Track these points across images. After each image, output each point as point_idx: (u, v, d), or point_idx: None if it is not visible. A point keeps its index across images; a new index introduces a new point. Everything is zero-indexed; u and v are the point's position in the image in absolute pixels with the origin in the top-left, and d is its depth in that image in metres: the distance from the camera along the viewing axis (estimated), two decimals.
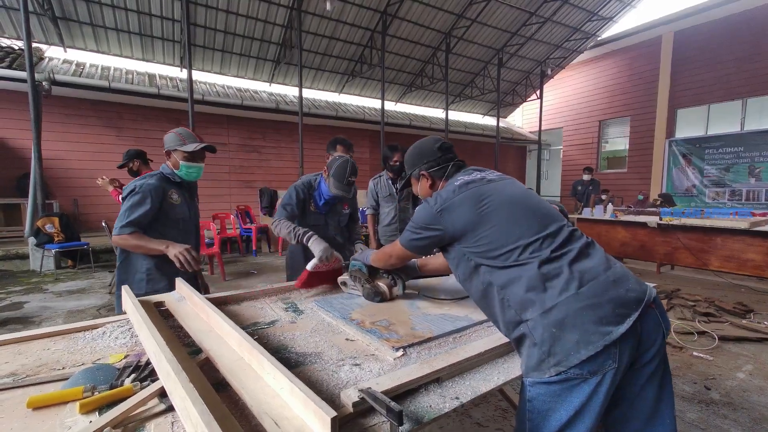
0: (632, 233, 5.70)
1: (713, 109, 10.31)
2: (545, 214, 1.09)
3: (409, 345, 1.12)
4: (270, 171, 9.77)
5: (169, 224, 1.81)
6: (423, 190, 1.34)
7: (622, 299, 0.91)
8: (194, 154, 1.84)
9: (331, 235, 2.23)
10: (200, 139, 1.87)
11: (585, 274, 0.95)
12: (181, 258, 1.59)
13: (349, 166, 2.02)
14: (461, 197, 1.12)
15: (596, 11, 10.94)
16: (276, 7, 8.19)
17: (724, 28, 9.86)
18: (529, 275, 0.97)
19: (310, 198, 2.18)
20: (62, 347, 1.13)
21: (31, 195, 5.80)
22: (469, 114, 14.38)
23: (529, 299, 0.95)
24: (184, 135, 1.85)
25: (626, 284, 0.95)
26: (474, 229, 1.07)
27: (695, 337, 3.10)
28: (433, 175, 1.30)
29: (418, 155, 1.34)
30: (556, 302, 0.92)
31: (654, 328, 0.95)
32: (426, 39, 10.26)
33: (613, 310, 0.89)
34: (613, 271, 0.98)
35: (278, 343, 1.16)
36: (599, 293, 0.92)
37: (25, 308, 3.92)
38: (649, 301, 0.94)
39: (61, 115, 7.36)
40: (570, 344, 0.88)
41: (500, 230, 1.04)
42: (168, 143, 1.85)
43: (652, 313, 0.95)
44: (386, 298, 1.54)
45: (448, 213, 1.11)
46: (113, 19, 7.47)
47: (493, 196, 1.10)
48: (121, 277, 1.80)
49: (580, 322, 0.89)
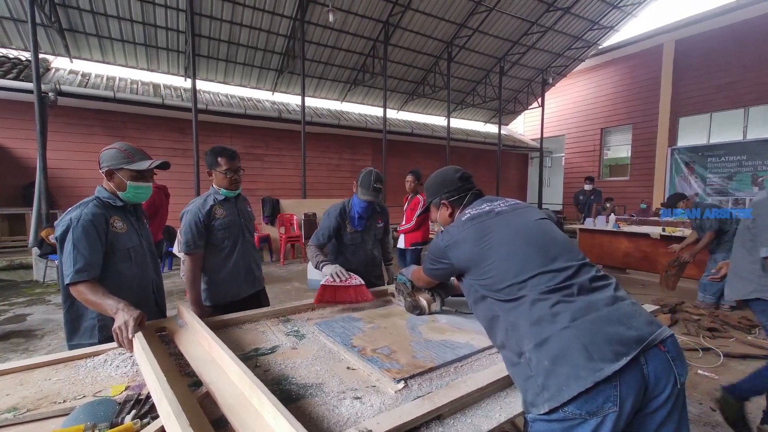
0: (635, 244, 5.67)
1: (715, 118, 10.30)
2: (552, 247, 1.08)
3: (411, 376, 1.12)
4: (272, 179, 9.80)
5: (118, 257, 1.52)
6: (442, 218, 1.38)
7: (620, 336, 0.88)
8: (144, 172, 1.56)
9: (369, 250, 2.41)
10: (147, 155, 1.64)
11: (582, 308, 0.94)
12: (119, 334, 1.26)
13: (373, 174, 2.20)
14: (465, 233, 1.15)
15: (597, 20, 11.00)
16: (279, 18, 8.29)
17: (725, 36, 9.88)
18: (528, 309, 0.97)
19: (345, 220, 2.31)
20: (64, 377, 1.13)
21: (35, 205, 5.84)
22: (471, 122, 14.43)
23: (527, 332, 0.95)
24: (130, 151, 1.55)
25: (630, 322, 0.92)
26: (478, 264, 1.10)
27: (700, 354, 3.07)
28: (452, 203, 1.34)
29: (439, 184, 1.38)
30: (549, 335, 0.91)
31: (663, 372, 0.89)
32: (428, 48, 10.33)
33: (607, 347, 0.86)
34: (617, 307, 0.96)
35: (279, 373, 1.15)
36: (594, 328, 0.90)
37: (28, 321, 3.93)
38: (654, 341, 0.90)
39: (66, 125, 7.44)
40: (562, 378, 0.87)
41: (501, 265, 1.06)
42: (109, 161, 1.52)
43: (661, 355, 0.90)
44: (425, 312, 1.67)
45: (454, 248, 1.17)
46: (119, 31, 7.57)
47: (496, 231, 1.12)
48: (70, 325, 1.51)
49: (570, 356, 0.87)
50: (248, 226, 2.15)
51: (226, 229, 2.01)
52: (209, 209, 1.96)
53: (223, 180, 1.98)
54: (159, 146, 8.27)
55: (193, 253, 1.94)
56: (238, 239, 2.07)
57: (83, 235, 1.42)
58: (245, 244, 2.10)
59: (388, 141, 9.82)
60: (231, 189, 2.01)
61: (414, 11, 9.01)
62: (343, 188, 10.79)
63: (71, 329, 1.51)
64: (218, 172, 1.97)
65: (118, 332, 1.26)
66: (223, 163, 1.96)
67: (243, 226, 2.10)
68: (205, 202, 1.99)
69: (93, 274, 1.42)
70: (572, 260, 1.05)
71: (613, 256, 6.01)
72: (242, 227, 2.10)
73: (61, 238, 1.44)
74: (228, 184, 1.99)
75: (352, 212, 2.31)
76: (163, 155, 7.85)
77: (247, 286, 2.12)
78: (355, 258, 2.35)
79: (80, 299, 1.41)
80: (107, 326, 1.40)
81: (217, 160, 1.96)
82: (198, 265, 1.97)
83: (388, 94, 10.37)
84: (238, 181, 2.03)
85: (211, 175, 2.01)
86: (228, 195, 2.03)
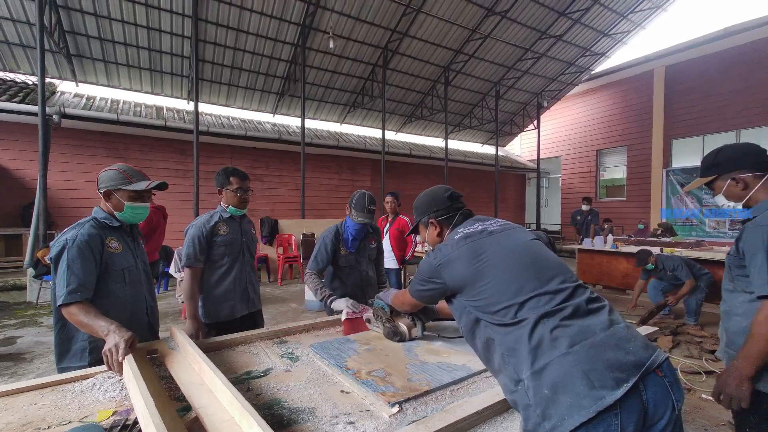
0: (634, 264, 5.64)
1: (708, 140, 10.49)
2: (546, 268, 1.06)
3: (406, 399, 1.09)
4: (272, 199, 9.86)
5: (111, 278, 1.52)
6: (431, 238, 1.34)
7: (619, 362, 0.86)
8: (142, 192, 1.59)
9: (364, 270, 2.43)
10: (146, 176, 1.66)
11: (580, 333, 0.91)
12: (109, 357, 1.24)
13: (367, 197, 2.25)
14: (459, 252, 1.11)
15: (589, 47, 11.39)
16: (282, 44, 8.57)
17: (715, 62, 10.20)
18: (524, 333, 0.94)
19: (339, 242, 2.35)
20: (50, 401, 1.10)
21: (33, 225, 5.83)
22: (469, 143, 14.66)
23: (523, 358, 0.92)
24: (129, 172, 1.58)
25: (627, 346, 0.89)
26: (472, 284, 1.06)
27: (703, 378, 3.01)
28: (442, 223, 1.31)
29: (429, 203, 1.34)
30: (547, 362, 0.88)
31: (662, 398, 0.87)
32: (426, 72, 10.63)
33: (608, 373, 0.84)
34: (613, 330, 0.92)
35: (271, 397, 1.13)
36: (594, 354, 0.87)
37: (18, 343, 3.86)
38: (652, 366, 0.87)
39: (68, 146, 7.53)
40: (563, 408, 0.83)
41: (497, 286, 1.02)
42: (108, 182, 1.55)
43: (659, 381, 0.88)
44: (405, 338, 1.57)
45: (447, 267, 1.12)
46: (125, 56, 7.80)
47: (490, 251, 1.09)
48: (60, 348, 1.49)
49: (571, 383, 0.84)
50: (249, 247, 2.19)
51: (226, 246, 2.06)
52: (213, 225, 2.04)
53: (233, 198, 2.07)
54: (160, 167, 8.35)
55: (193, 267, 1.99)
56: (238, 258, 2.10)
57: (78, 256, 1.41)
58: (244, 264, 2.13)
59: (387, 162, 9.94)
60: (239, 207, 2.10)
61: (412, 38, 9.33)
62: (342, 208, 10.77)
63: (61, 351, 1.49)
64: (229, 190, 2.07)
65: (108, 354, 1.24)
66: (234, 182, 2.07)
67: (244, 246, 2.15)
68: (211, 218, 2.07)
69: (86, 295, 1.41)
70: (567, 282, 1.03)
71: (612, 276, 5.98)
72: (243, 247, 2.14)
73: (56, 259, 1.43)
74: (237, 203, 2.09)
75: (345, 234, 2.36)
76: (164, 176, 7.92)
77: (241, 306, 2.12)
78: (350, 280, 2.36)
79: (72, 321, 1.38)
80: (98, 348, 1.37)
81: (229, 179, 2.07)
82: (197, 279, 2.01)
83: (387, 116, 10.58)
84: (247, 200, 2.12)
85: (221, 194, 2.10)
86: (235, 213, 2.11)
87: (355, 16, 8.38)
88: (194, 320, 1.95)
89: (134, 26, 7.31)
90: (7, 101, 6.32)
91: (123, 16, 7.10)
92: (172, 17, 7.40)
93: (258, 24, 8.02)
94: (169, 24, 7.51)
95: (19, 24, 6.69)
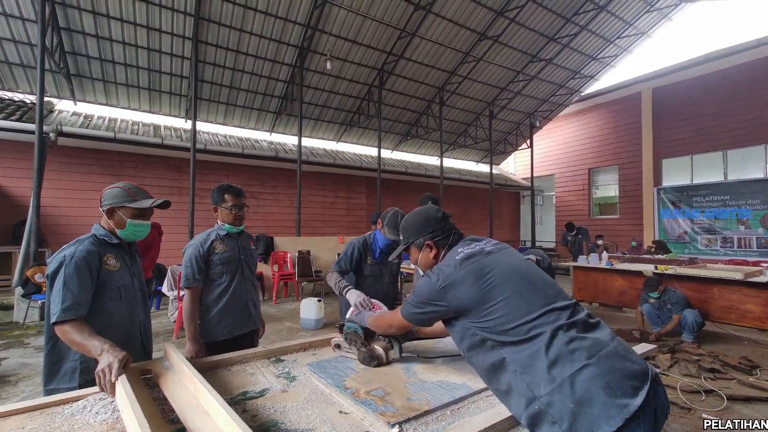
0: (629, 281, 5.66)
1: (697, 159, 10.75)
2: (549, 285, 1.09)
3: (406, 420, 1.07)
4: (267, 217, 9.84)
5: (107, 295, 1.49)
6: (425, 260, 1.29)
7: (632, 371, 0.89)
8: (145, 210, 1.59)
9: (386, 284, 2.55)
10: (149, 194, 1.66)
11: (594, 345, 0.93)
12: (101, 378, 1.20)
13: (399, 215, 2.32)
14: (464, 272, 1.09)
15: (578, 70, 11.78)
16: (280, 65, 8.75)
17: (700, 85, 10.58)
18: (540, 348, 0.94)
19: (367, 251, 2.48)
20: (38, 425, 1.07)
21: (24, 243, 5.75)
22: (463, 161, 14.86)
23: (540, 372, 0.92)
24: (133, 190, 1.58)
25: (632, 356, 0.94)
26: (480, 305, 1.04)
27: (703, 397, 2.98)
28: (437, 244, 1.26)
29: (422, 224, 1.29)
30: (569, 374, 0.89)
31: (665, 406, 0.91)
32: (421, 93, 10.88)
33: (626, 381, 0.87)
34: (618, 342, 0.97)
35: (268, 418, 1.10)
36: (611, 364, 0.90)
37: (2, 365, 3.73)
38: (653, 375, 0.91)
39: (63, 164, 7.51)
40: (591, 419, 0.84)
41: (508, 305, 1.02)
42: (112, 199, 1.54)
43: (661, 390, 0.92)
44: (383, 362, 1.50)
45: (452, 289, 1.09)
46: (125, 76, 7.90)
47: (495, 270, 1.08)
48: (49, 368, 1.44)
49: (596, 394, 0.86)
50: (249, 263, 2.17)
51: (224, 264, 2.03)
52: (210, 243, 2.02)
53: (228, 216, 2.06)
54: (156, 184, 8.33)
55: (192, 287, 1.97)
56: (236, 275, 2.07)
57: (75, 273, 1.39)
58: (244, 281, 2.11)
59: (382, 179, 10.03)
60: (235, 225, 2.08)
61: (407, 60, 9.59)
62: (338, 225, 10.83)
63: (50, 372, 1.44)
64: (223, 207, 2.05)
65: (101, 375, 1.20)
66: (229, 199, 2.05)
67: (243, 262, 2.12)
68: (208, 236, 2.05)
69: (80, 313, 1.38)
70: (566, 299, 1.06)
71: (609, 293, 5.97)
72: (241, 264, 2.11)
73: (53, 275, 1.41)
74: (232, 220, 2.07)
75: (374, 245, 2.49)
76: (159, 193, 7.88)
77: (241, 324, 2.08)
78: (372, 291, 2.37)
79: (64, 339, 1.35)
80: (90, 369, 1.32)
81: (223, 196, 2.05)
82: (196, 300, 1.98)
83: (383, 134, 10.75)
84: (242, 218, 2.10)
85: (216, 212, 2.09)
86: (231, 231, 2.09)
87: (352, 39, 8.63)
88: (194, 342, 1.91)
89: (135, 48, 7.44)
90: (4, 119, 6.34)
91: (125, 38, 7.24)
92: (172, 39, 7.55)
93: (257, 46, 8.21)
94: (170, 46, 7.65)
95: (21, 45, 6.78)
